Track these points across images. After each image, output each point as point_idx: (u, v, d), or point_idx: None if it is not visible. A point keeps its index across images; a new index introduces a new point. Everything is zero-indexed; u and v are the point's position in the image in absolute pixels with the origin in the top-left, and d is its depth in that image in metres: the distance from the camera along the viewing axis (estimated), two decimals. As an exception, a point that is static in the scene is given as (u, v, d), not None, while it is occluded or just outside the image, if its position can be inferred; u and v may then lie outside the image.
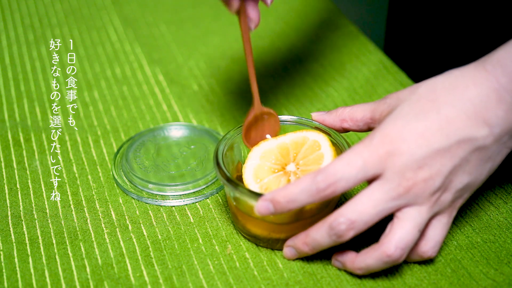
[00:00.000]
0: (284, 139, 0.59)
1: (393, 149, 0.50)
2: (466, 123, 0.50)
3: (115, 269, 0.56)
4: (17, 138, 0.70)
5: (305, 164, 0.57)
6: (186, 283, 0.55)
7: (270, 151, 0.58)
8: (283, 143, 0.59)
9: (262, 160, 0.57)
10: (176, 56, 0.85)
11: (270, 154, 0.58)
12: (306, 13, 0.93)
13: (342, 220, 0.51)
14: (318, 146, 0.57)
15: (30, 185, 0.64)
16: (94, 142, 0.70)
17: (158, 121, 0.73)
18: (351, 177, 0.50)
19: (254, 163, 0.57)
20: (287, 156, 0.58)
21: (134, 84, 0.80)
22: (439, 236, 0.53)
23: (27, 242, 0.58)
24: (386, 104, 0.54)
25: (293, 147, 0.58)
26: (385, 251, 0.51)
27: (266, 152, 0.58)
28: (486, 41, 0.73)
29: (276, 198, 0.51)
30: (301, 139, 0.58)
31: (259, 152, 0.58)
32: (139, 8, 0.95)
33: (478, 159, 0.51)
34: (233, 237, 0.59)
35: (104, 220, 0.61)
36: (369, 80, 0.79)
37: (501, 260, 0.56)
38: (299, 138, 0.59)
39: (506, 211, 0.61)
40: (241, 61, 0.84)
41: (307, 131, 0.59)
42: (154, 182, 0.64)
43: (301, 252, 0.55)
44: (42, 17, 0.93)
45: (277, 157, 0.58)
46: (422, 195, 0.50)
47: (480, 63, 0.51)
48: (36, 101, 0.76)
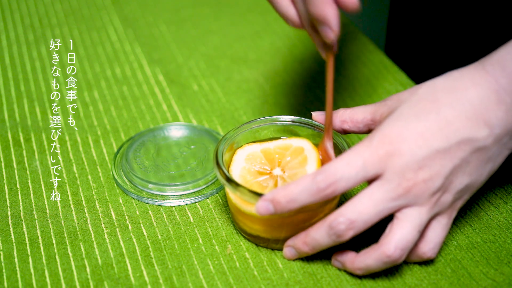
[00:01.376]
0: (268, 145, 0.59)
1: (393, 149, 0.50)
2: (466, 124, 0.50)
3: (115, 269, 0.56)
4: (17, 138, 0.70)
5: (290, 168, 0.57)
6: (186, 283, 0.55)
7: (255, 154, 0.58)
8: (267, 148, 0.59)
9: (247, 163, 0.58)
10: (176, 56, 0.85)
11: (255, 157, 0.58)
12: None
13: (342, 219, 0.51)
14: (301, 149, 0.58)
15: (30, 185, 0.64)
16: (94, 142, 0.70)
17: (158, 121, 0.73)
18: (351, 177, 0.50)
19: (240, 165, 0.58)
20: (272, 161, 0.58)
21: (134, 84, 0.80)
22: (439, 237, 0.53)
23: (27, 242, 0.58)
24: (387, 106, 0.54)
25: (276, 152, 0.59)
26: (384, 252, 0.51)
27: (251, 154, 0.58)
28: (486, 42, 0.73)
29: (276, 198, 0.51)
30: (284, 145, 0.59)
31: (244, 155, 0.58)
32: (139, 8, 0.95)
33: (478, 160, 0.51)
34: (233, 237, 0.59)
35: (104, 220, 0.61)
36: (369, 80, 0.79)
37: (501, 260, 0.56)
38: (283, 144, 0.59)
39: (506, 211, 0.61)
40: (241, 61, 0.84)
41: (290, 138, 0.60)
42: (154, 182, 0.64)
43: (301, 252, 0.55)
44: (42, 17, 0.93)
45: (261, 161, 0.58)
46: (422, 195, 0.50)
47: (480, 64, 0.51)
48: (36, 101, 0.76)
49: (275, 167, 0.58)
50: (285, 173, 0.57)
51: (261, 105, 0.76)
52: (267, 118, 0.61)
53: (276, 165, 0.58)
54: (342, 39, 0.87)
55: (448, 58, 0.79)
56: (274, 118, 0.62)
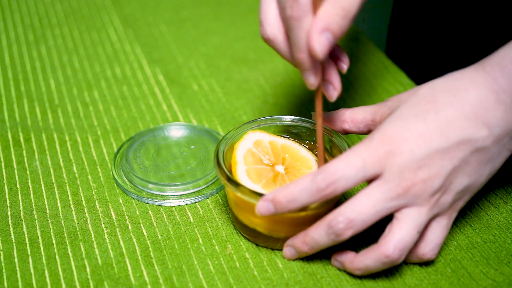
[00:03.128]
0: (276, 140, 0.60)
1: (393, 149, 0.50)
2: (465, 124, 0.50)
3: (115, 269, 0.56)
4: (17, 138, 0.70)
5: (294, 170, 0.57)
6: (186, 283, 0.55)
7: (263, 143, 0.58)
8: (275, 142, 0.59)
9: (254, 146, 0.58)
10: (176, 56, 0.85)
11: (263, 146, 0.58)
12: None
13: (341, 219, 0.51)
14: (308, 161, 0.59)
15: (30, 185, 0.64)
16: (94, 142, 0.70)
17: (158, 121, 0.73)
18: (350, 176, 0.50)
19: (246, 146, 0.58)
20: (277, 155, 0.58)
21: (134, 84, 0.80)
22: (439, 238, 0.53)
23: (27, 242, 0.58)
24: (387, 107, 0.54)
25: (284, 151, 0.59)
26: (383, 252, 0.51)
27: (260, 141, 0.58)
28: (487, 42, 0.73)
29: (276, 198, 0.51)
30: (293, 149, 0.60)
31: (253, 139, 0.59)
32: (139, 8, 0.95)
33: (477, 161, 0.51)
34: (233, 237, 0.59)
35: (104, 220, 0.61)
36: (369, 80, 0.79)
37: (501, 260, 0.56)
38: (291, 147, 0.60)
39: (506, 211, 0.61)
40: (241, 61, 0.84)
41: (299, 145, 0.60)
42: (154, 182, 0.64)
43: (301, 251, 0.55)
44: (42, 17, 0.93)
45: (268, 151, 0.58)
46: (421, 196, 0.50)
47: (480, 65, 0.51)
48: (36, 101, 0.76)
49: (279, 163, 0.58)
50: (287, 169, 0.57)
51: (261, 105, 0.76)
52: (267, 118, 0.61)
53: (280, 162, 0.58)
54: (342, 39, 0.87)
55: (449, 59, 0.79)
56: (274, 118, 0.62)
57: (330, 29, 0.48)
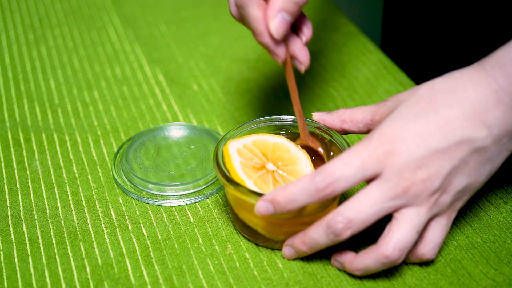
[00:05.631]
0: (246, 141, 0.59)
1: (392, 149, 0.50)
2: (464, 124, 0.50)
3: (115, 269, 0.56)
4: (17, 138, 0.70)
5: (282, 162, 0.57)
6: (186, 283, 0.55)
7: (241, 150, 0.58)
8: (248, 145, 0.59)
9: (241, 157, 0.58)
10: (176, 56, 0.85)
11: (244, 153, 0.58)
12: (306, 13, 0.93)
13: (340, 219, 0.51)
14: (287, 147, 0.59)
15: (30, 185, 0.64)
16: (94, 142, 0.70)
17: (158, 121, 0.73)
18: (350, 176, 0.50)
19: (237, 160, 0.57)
20: (265, 155, 0.58)
21: (134, 84, 0.80)
22: (438, 238, 0.53)
23: (27, 242, 0.58)
24: (386, 107, 0.54)
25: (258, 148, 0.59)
26: (383, 252, 0.51)
27: (239, 150, 0.58)
28: (485, 40, 0.73)
29: (275, 198, 0.51)
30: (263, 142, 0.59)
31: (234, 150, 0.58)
32: (139, 8, 0.95)
33: (477, 161, 0.51)
34: (233, 237, 0.59)
35: (104, 220, 0.61)
36: (369, 80, 0.79)
37: (501, 260, 0.56)
38: (261, 141, 0.59)
39: (506, 211, 0.61)
40: (241, 61, 0.84)
41: (263, 134, 0.60)
42: (154, 182, 0.64)
43: (300, 251, 0.55)
44: (42, 17, 0.93)
45: (256, 154, 0.58)
46: (420, 195, 0.50)
47: (479, 65, 0.51)
48: (36, 101, 0.76)
49: (267, 162, 0.57)
50: (279, 166, 0.57)
51: (261, 105, 0.76)
52: (267, 118, 0.61)
53: (266, 160, 0.57)
54: (342, 38, 0.87)
55: (446, 57, 0.79)
56: (274, 118, 0.62)
57: (285, 9, 0.52)
